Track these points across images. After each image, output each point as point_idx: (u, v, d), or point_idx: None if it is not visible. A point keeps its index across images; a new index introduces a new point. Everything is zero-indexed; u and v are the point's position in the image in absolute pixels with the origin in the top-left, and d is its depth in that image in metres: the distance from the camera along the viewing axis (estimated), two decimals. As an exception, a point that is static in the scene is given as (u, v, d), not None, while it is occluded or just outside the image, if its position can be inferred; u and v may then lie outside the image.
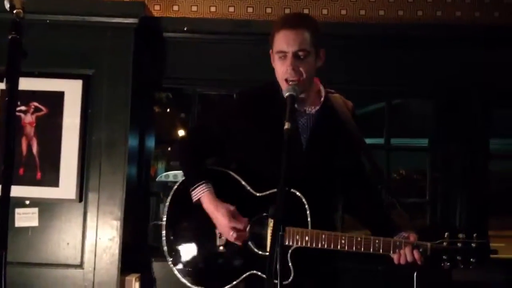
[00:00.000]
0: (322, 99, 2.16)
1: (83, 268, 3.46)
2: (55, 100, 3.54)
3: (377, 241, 1.96)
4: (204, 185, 2.10)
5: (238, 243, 2.09)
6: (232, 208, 2.09)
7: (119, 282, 3.43)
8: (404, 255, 1.96)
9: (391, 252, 1.97)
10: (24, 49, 1.53)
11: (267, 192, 2.08)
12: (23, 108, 3.53)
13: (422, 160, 4.03)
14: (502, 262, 3.98)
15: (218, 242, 2.14)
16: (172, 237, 2.20)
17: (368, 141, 2.36)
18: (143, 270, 3.65)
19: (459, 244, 1.97)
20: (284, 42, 2.00)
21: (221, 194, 2.12)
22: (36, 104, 3.54)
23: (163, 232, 2.20)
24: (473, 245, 1.96)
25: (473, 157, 3.71)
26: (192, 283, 2.16)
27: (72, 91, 3.54)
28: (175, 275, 3.63)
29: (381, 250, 1.97)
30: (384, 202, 2.18)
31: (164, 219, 2.21)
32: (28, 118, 3.54)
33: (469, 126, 3.72)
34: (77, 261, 3.48)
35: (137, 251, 3.73)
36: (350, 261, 3.51)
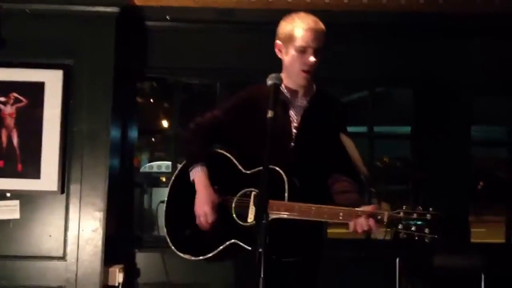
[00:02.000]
0: (314, 91, 2.40)
1: (66, 260, 3.45)
2: (36, 90, 3.49)
3: (341, 211, 2.14)
4: (199, 166, 2.34)
5: (202, 227, 2.31)
6: (216, 201, 2.31)
7: (102, 273, 3.43)
8: (360, 224, 2.11)
9: (351, 222, 2.14)
10: (2, 38, 1.50)
11: (254, 170, 2.29)
12: (2, 99, 3.49)
13: (405, 148, 4.06)
14: (482, 247, 4.06)
15: None
16: (170, 210, 2.42)
17: (351, 129, 2.54)
18: (126, 261, 3.65)
19: (414, 215, 2.08)
20: (309, 38, 2.27)
21: (215, 171, 2.35)
22: (16, 95, 3.50)
23: (165, 206, 2.43)
24: (428, 216, 2.06)
25: (455, 144, 3.75)
26: (180, 250, 2.35)
27: (52, 81, 3.50)
28: (159, 264, 3.66)
29: (344, 220, 2.13)
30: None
31: (167, 194, 2.45)
32: (8, 109, 3.50)
33: (450, 114, 3.77)
34: (60, 253, 3.46)
35: (121, 242, 3.71)
36: (334, 248, 3.57)
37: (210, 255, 2.28)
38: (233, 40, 3.58)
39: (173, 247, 2.35)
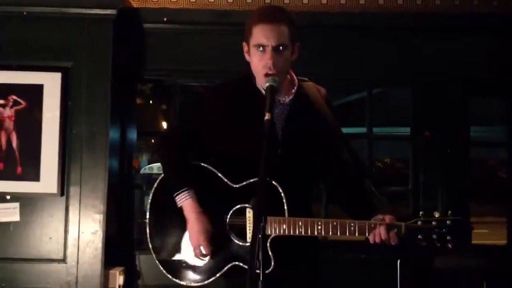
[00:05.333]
0: (295, 88, 2.17)
1: (66, 263, 3.44)
2: (34, 93, 3.49)
3: (352, 224, 1.98)
4: (186, 192, 2.13)
5: (199, 258, 2.14)
6: (209, 228, 2.12)
7: (102, 276, 3.42)
8: (379, 234, 1.95)
9: (367, 234, 1.99)
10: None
11: (244, 183, 2.09)
12: (1, 101, 3.49)
13: (406, 149, 4.05)
14: (483, 248, 4.05)
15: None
16: (155, 233, 2.22)
17: (351, 130, 2.37)
18: (127, 263, 3.64)
19: (433, 223, 1.96)
20: (263, 35, 2.01)
21: (199, 188, 2.14)
22: (14, 97, 3.50)
23: (147, 229, 2.23)
24: (448, 222, 1.95)
25: (454, 145, 3.74)
26: (177, 278, 2.19)
27: (51, 84, 3.49)
28: (159, 268, 3.65)
29: (356, 233, 1.98)
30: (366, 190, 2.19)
31: (147, 216, 2.24)
32: (7, 112, 3.50)
33: (449, 114, 3.76)
34: (60, 256, 3.45)
35: (121, 244, 3.71)
36: (334, 250, 3.56)
37: (210, 280, 2.12)
38: (230, 41, 3.57)
39: (168, 275, 2.19)
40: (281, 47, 2.02)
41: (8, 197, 3.46)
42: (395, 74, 3.82)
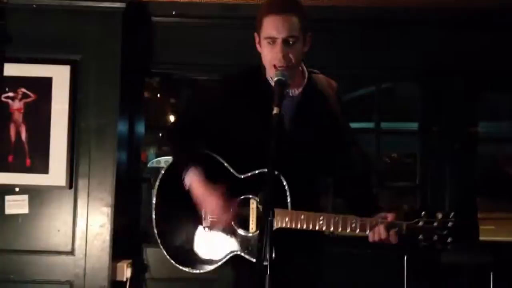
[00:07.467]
0: (305, 80, 2.15)
1: (74, 255, 3.47)
2: (43, 86, 3.51)
3: (353, 220, 1.96)
4: (192, 169, 2.09)
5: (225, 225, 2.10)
6: (224, 191, 2.07)
7: (110, 268, 3.44)
8: (378, 232, 1.93)
9: (367, 231, 1.96)
10: (9, 35, 1.51)
11: (249, 174, 2.08)
12: (10, 94, 3.51)
13: (413, 144, 4.04)
14: (491, 245, 4.04)
15: (204, 223, 2.16)
16: (161, 219, 2.21)
17: (358, 125, 2.35)
18: (134, 256, 3.66)
19: (435, 224, 1.92)
20: (273, 27, 1.99)
21: (206, 177, 2.11)
22: (24, 90, 3.52)
23: (153, 215, 2.22)
24: (450, 224, 1.90)
25: (462, 140, 3.73)
26: (180, 264, 2.18)
27: (60, 76, 3.51)
28: (167, 260, 3.66)
29: (357, 230, 1.96)
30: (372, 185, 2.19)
31: (154, 202, 2.22)
32: (16, 105, 3.51)
33: (457, 110, 3.74)
34: (68, 248, 3.48)
35: (129, 237, 3.72)
36: (340, 244, 3.56)
37: (212, 268, 2.12)
38: (239, 35, 3.56)
39: (172, 261, 2.18)
40: (291, 39, 1.99)
41: (17, 189, 3.48)
42: (403, 68, 3.81)
